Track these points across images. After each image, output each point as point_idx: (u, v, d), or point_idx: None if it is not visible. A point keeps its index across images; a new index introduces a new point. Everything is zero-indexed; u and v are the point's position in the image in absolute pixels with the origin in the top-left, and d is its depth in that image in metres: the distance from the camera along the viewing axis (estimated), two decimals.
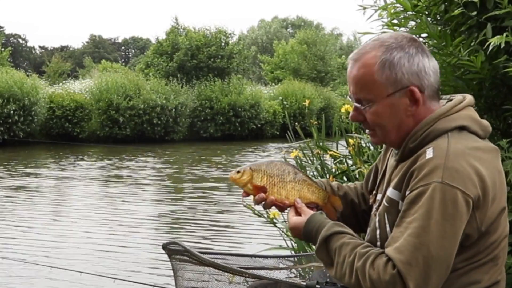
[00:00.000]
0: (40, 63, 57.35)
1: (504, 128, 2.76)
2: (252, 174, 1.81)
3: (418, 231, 1.50)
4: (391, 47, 1.64)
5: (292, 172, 1.85)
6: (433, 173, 1.53)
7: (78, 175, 14.59)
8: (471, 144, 1.60)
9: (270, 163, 1.85)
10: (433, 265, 1.49)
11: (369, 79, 1.64)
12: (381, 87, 1.64)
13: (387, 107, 1.65)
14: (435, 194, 1.51)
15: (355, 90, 1.68)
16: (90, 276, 5.13)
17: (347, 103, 4.50)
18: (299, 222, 1.77)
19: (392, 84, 1.63)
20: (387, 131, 1.68)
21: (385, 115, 1.66)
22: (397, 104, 1.65)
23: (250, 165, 1.84)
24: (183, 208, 10.06)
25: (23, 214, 9.33)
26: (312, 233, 1.72)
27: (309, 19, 74.89)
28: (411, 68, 1.63)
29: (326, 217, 1.77)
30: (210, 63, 30.83)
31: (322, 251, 1.68)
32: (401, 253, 1.50)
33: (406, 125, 1.66)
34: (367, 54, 1.66)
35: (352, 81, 1.68)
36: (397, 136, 1.68)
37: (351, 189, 2.04)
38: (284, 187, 1.83)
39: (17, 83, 22.95)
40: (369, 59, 1.64)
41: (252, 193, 1.82)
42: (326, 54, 45.21)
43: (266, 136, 29.70)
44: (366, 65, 1.65)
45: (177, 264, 2.05)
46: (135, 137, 25.49)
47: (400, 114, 1.66)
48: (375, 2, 2.87)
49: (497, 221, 1.60)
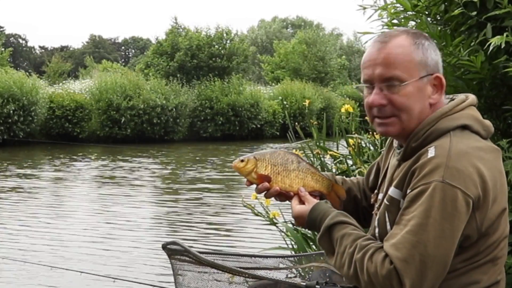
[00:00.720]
0: (40, 63, 57.36)
1: (504, 128, 2.76)
2: (256, 163, 1.81)
3: (416, 229, 1.51)
4: (418, 35, 1.68)
5: (295, 161, 1.85)
6: (434, 172, 1.53)
7: (77, 175, 14.59)
8: (473, 144, 1.59)
9: (273, 153, 1.85)
10: (430, 263, 1.50)
11: (407, 58, 1.64)
12: (416, 67, 1.65)
13: (417, 90, 1.65)
14: (435, 193, 1.51)
15: (386, 69, 1.65)
16: (90, 276, 5.13)
17: (347, 103, 4.49)
18: (303, 210, 1.77)
19: (424, 67, 1.65)
20: (411, 117, 1.66)
21: (414, 98, 1.65)
22: (424, 89, 1.66)
23: (254, 154, 1.84)
24: (183, 208, 10.06)
25: (23, 214, 9.33)
26: (316, 221, 1.73)
27: (309, 19, 74.93)
28: (436, 57, 1.68)
29: (331, 206, 1.78)
30: (210, 63, 30.83)
31: (324, 239, 1.69)
32: (398, 250, 1.51)
33: (425, 113, 1.67)
34: (397, 36, 1.67)
35: (384, 60, 1.65)
36: (417, 124, 1.66)
37: (354, 184, 2.05)
38: (288, 175, 1.83)
39: (17, 83, 22.94)
40: (403, 40, 1.66)
41: (256, 182, 1.82)
42: (326, 54, 45.19)
43: (266, 136, 29.69)
44: (401, 45, 1.65)
45: (177, 265, 2.05)
46: (135, 137, 25.48)
47: (425, 100, 1.67)
48: (375, 2, 2.87)
49: (497, 222, 1.60)
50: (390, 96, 1.65)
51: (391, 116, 1.67)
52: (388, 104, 1.66)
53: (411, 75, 1.64)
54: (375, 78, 1.66)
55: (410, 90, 1.64)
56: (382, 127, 1.71)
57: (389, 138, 1.92)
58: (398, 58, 1.64)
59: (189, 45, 30.90)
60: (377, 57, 1.66)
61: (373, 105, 1.68)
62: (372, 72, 1.67)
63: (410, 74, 1.64)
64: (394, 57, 1.64)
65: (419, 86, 1.65)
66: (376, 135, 3.94)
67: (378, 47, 1.67)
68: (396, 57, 1.64)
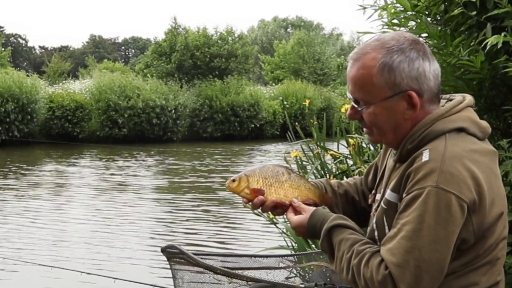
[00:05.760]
0: (40, 63, 57.32)
1: (504, 128, 2.76)
2: (248, 179, 1.84)
3: (410, 234, 1.51)
4: (392, 50, 1.62)
5: (286, 173, 1.88)
6: (428, 177, 1.53)
7: (77, 175, 14.60)
8: (468, 147, 1.58)
9: (263, 167, 1.88)
10: (425, 268, 1.50)
11: (367, 81, 1.63)
12: (378, 90, 1.63)
13: (384, 109, 1.64)
14: (429, 198, 1.51)
15: (353, 89, 1.67)
16: (90, 276, 5.13)
17: (347, 103, 4.50)
18: (301, 219, 1.78)
19: (390, 87, 1.62)
20: (383, 132, 1.68)
21: (381, 117, 1.65)
22: (394, 107, 1.64)
23: (244, 171, 1.87)
24: (182, 209, 10.06)
25: (23, 214, 9.33)
26: (317, 227, 1.73)
27: (309, 19, 74.91)
28: (410, 73, 1.61)
29: (329, 211, 1.79)
30: (210, 63, 30.83)
31: (325, 243, 1.70)
32: (393, 255, 1.52)
33: (403, 128, 1.65)
34: (367, 55, 1.64)
35: (350, 80, 1.67)
36: (394, 137, 1.67)
37: (351, 186, 2.04)
38: (281, 186, 1.85)
39: (16, 83, 22.94)
40: (369, 61, 1.63)
41: (250, 198, 1.84)
42: (321, 55, 45.19)
43: (266, 136, 29.69)
44: (365, 66, 1.63)
45: (176, 267, 2.05)
46: (135, 137, 25.50)
47: (397, 117, 1.65)
48: (375, 2, 2.87)
49: (494, 225, 1.59)
50: (361, 112, 1.68)
51: (369, 127, 1.70)
52: (361, 119, 1.69)
53: (374, 97, 1.63)
54: (350, 93, 1.70)
55: (376, 111, 1.65)
56: (368, 136, 1.76)
57: None
58: (359, 81, 1.65)
59: (188, 45, 30.89)
60: (348, 75, 1.68)
61: (349, 119, 1.73)
62: (347, 86, 1.71)
63: (373, 96, 1.64)
64: (356, 80, 1.65)
65: (387, 105, 1.64)
66: None
67: (350, 64, 1.68)
68: (358, 80, 1.65)
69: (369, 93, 1.64)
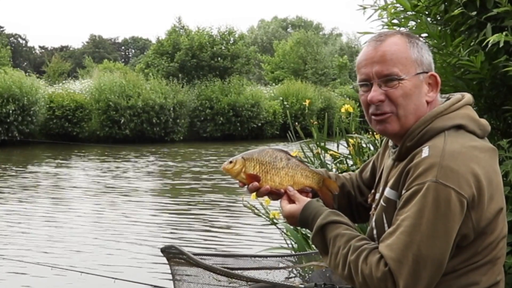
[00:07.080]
0: (40, 63, 57.32)
1: (504, 128, 2.76)
2: (244, 163, 1.81)
3: (409, 229, 1.51)
4: (411, 35, 1.73)
5: (284, 158, 1.84)
6: (428, 172, 1.53)
7: (77, 175, 14.60)
8: (467, 143, 1.59)
9: (261, 151, 1.85)
10: (423, 263, 1.50)
11: (403, 55, 1.67)
12: (412, 64, 1.67)
13: (414, 86, 1.67)
14: (429, 193, 1.51)
15: (384, 66, 1.67)
16: (90, 276, 5.13)
17: (347, 103, 4.49)
18: (294, 210, 1.77)
19: (420, 64, 1.68)
20: (408, 113, 1.67)
21: (411, 93, 1.67)
22: (420, 86, 1.68)
23: (242, 154, 1.84)
24: (182, 208, 10.06)
25: (23, 214, 9.33)
26: (309, 220, 1.73)
27: (309, 19, 74.84)
28: (429, 58, 1.71)
29: (323, 205, 1.78)
30: (212, 63, 30.81)
31: (317, 239, 1.70)
32: (392, 251, 1.52)
33: (422, 110, 1.68)
34: (392, 36, 1.71)
35: (381, 58, 1.67)
36: (414, 121, 1.67)
37: (348, 180, 2.05)
38: (277, 173, 1.82)
39: (16, 83, 22.93)
40: (398, 39, 1.69)
41: (245, 182, 1.82)
42: (319, 55, 45.18)
43: (266, 136, 29.69)
44: (397, 43, 1.69)
45: (175, 268, 2.05)
46: (135, 137, 25.50)
47: (421, 97, 1.68)
48: (375, 2, 2.87)
49: (494, 221, 1.59)
50: (388, 92, 1.67)
51: (388, 113, 1.68)
52: (386, 99, 1.67)
53: (408, 72, 1.66)
54: (373, 76, 1.68)
55: (407, 86, 1.66)
56: (380, 124, 1.71)
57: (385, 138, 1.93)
58: (395, 55, 1.67)
59: (190, 45, 30.88)
60: (374, 55, 1.68)
61: (372, 102, 1.68)
62: (370, 70, 1.69)
63: (407, 70, 1.66)
64: (391, 54, 1.67)
65: (415, 82, 1.67)
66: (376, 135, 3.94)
67: (374, 45, 1.70)
68: (393, 54, 1.67)
69: (404, 66, 1.67)
